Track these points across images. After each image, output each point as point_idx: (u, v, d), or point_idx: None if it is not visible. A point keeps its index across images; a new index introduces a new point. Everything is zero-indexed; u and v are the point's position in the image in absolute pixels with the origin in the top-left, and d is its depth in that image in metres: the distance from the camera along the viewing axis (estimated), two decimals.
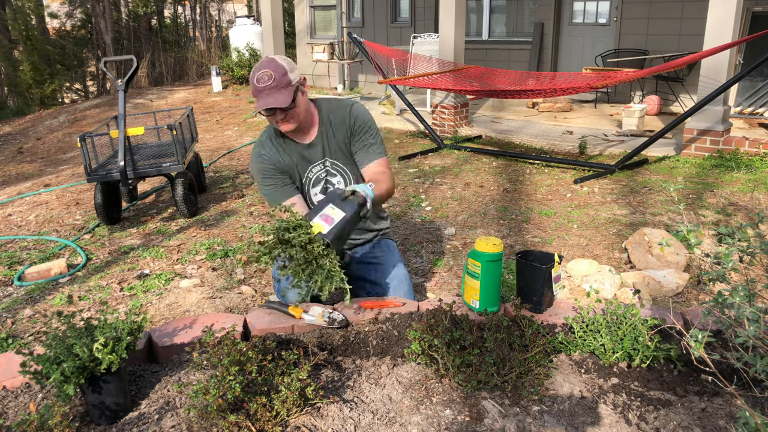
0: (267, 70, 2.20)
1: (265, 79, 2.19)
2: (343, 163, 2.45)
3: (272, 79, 2.19)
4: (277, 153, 2.39)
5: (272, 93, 2.20)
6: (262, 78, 2.19)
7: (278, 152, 2.40)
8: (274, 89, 2.20)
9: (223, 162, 6.26)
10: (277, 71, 2.20)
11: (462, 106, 7.01)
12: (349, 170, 2.47)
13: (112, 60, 4.51)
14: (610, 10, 8.28)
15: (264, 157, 2.39)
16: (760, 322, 1.47)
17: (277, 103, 2.18)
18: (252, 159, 2.43)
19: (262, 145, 2.41)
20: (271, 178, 2.38)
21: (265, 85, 2.19)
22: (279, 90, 2.20)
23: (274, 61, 2.24)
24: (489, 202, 4.51)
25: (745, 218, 3.85)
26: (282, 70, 2.21)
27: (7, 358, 2.01)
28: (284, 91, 2.21)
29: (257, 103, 2.21)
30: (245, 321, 2.20)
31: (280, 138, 2.40)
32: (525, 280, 2.19)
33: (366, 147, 2.40)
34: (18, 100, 14.97)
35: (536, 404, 1.72)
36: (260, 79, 2.20)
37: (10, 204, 5.17)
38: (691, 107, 5.02)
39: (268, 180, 2.39)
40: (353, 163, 2.47)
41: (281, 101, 2.19)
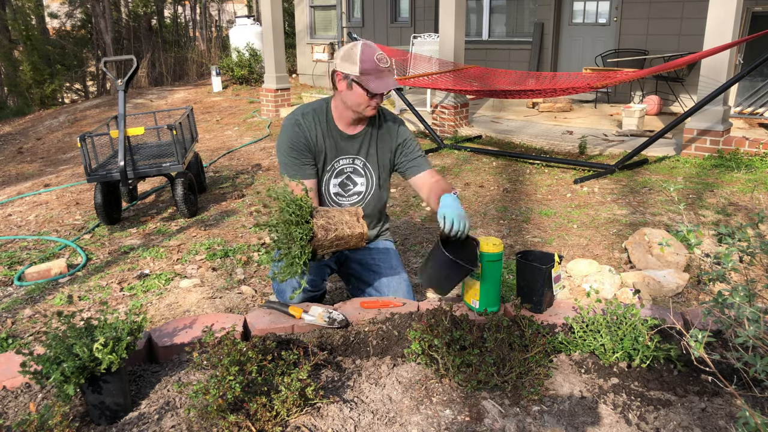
0: (382, 53, 2.22)
1: (386, 61, 2.22)
2: (373, 168, 2.47)
3: (389, 63, 2.24)
4: (315, 128, 2.35)
5: (389, 75, 2.24)
6: (383, 59, 2.22)
7: (316, 128, 2.36)
8: (392, 72, 2.27)
9: (223, 162, 6.26)
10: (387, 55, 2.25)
11: (462, 106, 7.01)
12: (377, 177, 2.48)
13: (112, 60, 4.51)
14: (610, 10, 8.28)
15: (300, 126, 2.33)
16: (760, 322, 1.47)
17: (394, 86, 2.26)
18: (285, 126, 2.36)
19: (303, 115, 2.36)
20: (297, 151, 2.32)
21: (386, 66, 2.22)
22: (392, 73, 2.27)
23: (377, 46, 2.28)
24: (489, 202, 4.51)
25: (745, 218, 3.85)
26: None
27: (7, 358, 2.01)
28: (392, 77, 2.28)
29: (379, 83, 2.21)
30: (245, 321, 2.20)
31: (326, 119, 2.38)
32: (525, 280, 2.19)
33: (416, 159, 2.46)
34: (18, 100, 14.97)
35: (536, 404, 1.72)
36: (382, 60, 2.21)
37: (10, 204, 5.17)
38: (691, 107, 5.02)
39: (293, 152, 2.32)
40: (384, 174, 2.49)
41: (395, 83, 2.27)
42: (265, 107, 8.70)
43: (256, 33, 12.19)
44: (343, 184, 2.46)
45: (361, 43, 2.24)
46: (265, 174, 5.66)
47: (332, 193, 2.47)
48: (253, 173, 5.72)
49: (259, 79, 11.79)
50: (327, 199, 2.49)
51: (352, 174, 2.45)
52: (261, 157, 6.35)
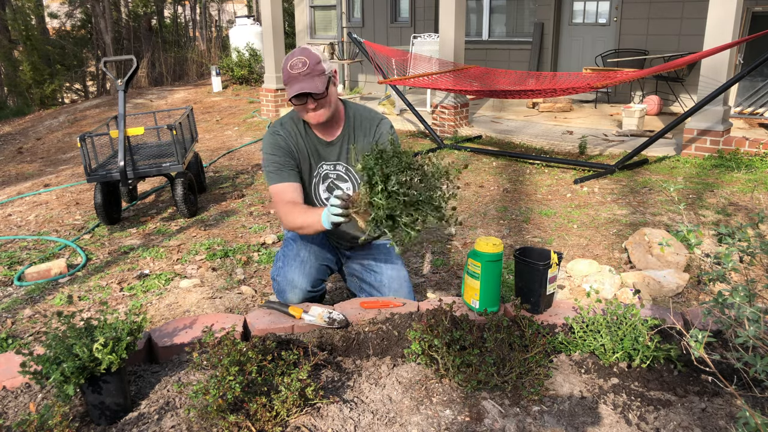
0: (301, 57, 2.17)
1: (299, 66, 2.16)
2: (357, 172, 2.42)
3: (306, 65, 2.16)
4: (294, 136, 2.36)
5: (306, 79, 2.16)
6: (296, 65, 2.17)
7: (296, 136, 2.37)
8: (308, 75, 2.16)
9: (223, 162, 6.26)
10: (311, 58, 2.18)
11: (462, 106, 7.01)
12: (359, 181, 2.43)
13: (112, 60, 4.51)
14: (610, 10, 8.28)
15: (279, 135, 2.35)
16: (760, 322, 1.47)
17: (311, 89, 2.15)
18: (266, 135, 2.39)
19: (281, 125, 2.38)
20: (280, 156, 2.34)
21: (299, 71, 2.16)
22: (312, 77, 2.17)
23: (308, 50, 2.22)
24: (489, 202, 4.51)
25: (745, 218, 3.85)
26: (316, 58, 2.19)
27: (7, 358, 2.01)
28: (317, 79, 2.18)
29: (289, 89, 2.18)
30: (245, 321, 2.20)
31: (302, 125, 2.38)
32: (523, 281, 2.19)
33: None
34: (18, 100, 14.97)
35: (536, 404, 1.72)
36: (294, 66, 2.17)
37: (10, 204, 5.17)
38: (692, 107, 5.02)
39: (275, 157, 2.34)
40: None
41: (315, 87, 2.16)
42: (265, 107, 8.70)
43: (256, 33, 12.19)
44: (329, 189, 2.46)
45: (293, 50, 2.23)
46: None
47: (323, 199, 2.48)
48: (253, 173, 5.72)
49: (259, 79, 11.79)
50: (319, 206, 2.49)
51: (336, 180, 2.45)
52: (261, 157, 6.35)
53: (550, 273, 2.13)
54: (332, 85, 2.26)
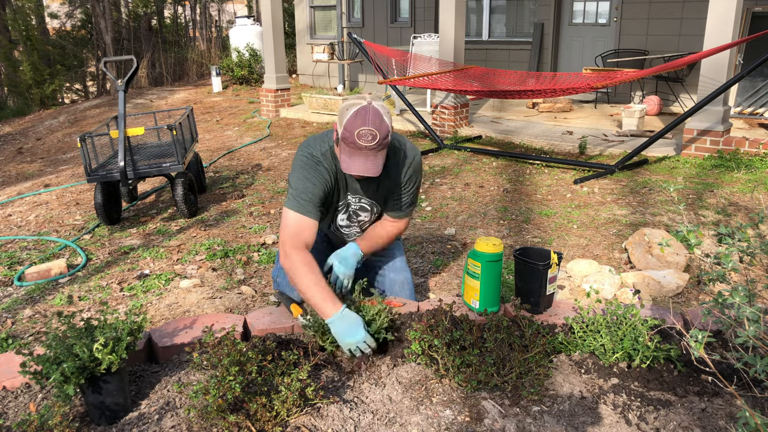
0: (372, 129, 1.93)
1: (369, 139, 1.94)
2: (378, 202, 2.34)
3: (376, 140, 1.95)
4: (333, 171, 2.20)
5: (370, 156, 1.97)
6: (365, 135, 1.93)
7: (335, 171, 2.20)
8: (373, 151, 1.97)
9: (223, 162, 6.26)
10: (381, 130, 1.95)
11: (462, 107, 7.01)
12: (379, 210, 2.38)
13: (112, 60, 4.51)
14: (610, 11, 8.28)
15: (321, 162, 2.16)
16: (760, 323, 1.47)
17: (374, 171, 1.98)
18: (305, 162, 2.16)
19: (323, 156, 2.17)
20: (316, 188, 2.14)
21: (366, 145, 1.95)
22: (376, 154, 1.98)
23: (380, 116, 1.96)
24: (489, 202, 4.51)
25: (745, 218, 3.85)
26: (386, 129, 1.97)
27: (7, 358, 2.01)
28: (380, 155, 2.00)
29: (350, 162, 1.99)
30: (245, 321, 2.20)
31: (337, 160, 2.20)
32: (523, 281, 2.19)
33: (401, 204, 2.31)
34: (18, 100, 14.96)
35: (536, 404, 1.72)
36: (362, 136, 1.93)
37: (10, 204, 5.17)
38: (691, 107, 5.02)
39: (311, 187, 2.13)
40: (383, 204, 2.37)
41: (376, 169, 1.99)
42: (265, 107, 8.70)
43: (256, 33, 12.19)
44: (350, 217, 2.40)
45: (359, 108, 1.97)
46: (265, 174, 5.66)
47: (339, 224, 2.43)
48: (253, 173, 5.72)
49: (259, 79, 11.79)
50: (331, 230, 2.48)
51: (359, 210, 2.37)
52: (261, 157, 6.35)
53: (550, 273, 2.13)
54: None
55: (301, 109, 8.62)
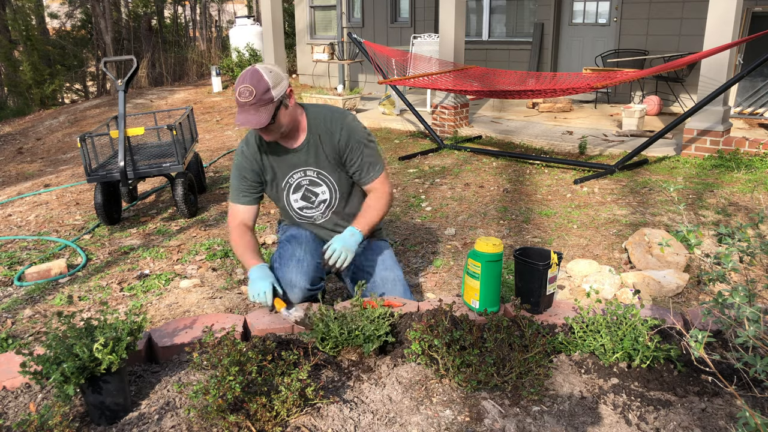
0: (248, 85, 2.14)
1: (246, 95, 2.14)
2: (330, 173, 2.44)
3: (253, 95, 2.14)
4: (258, 152, 2.41)
5: (251, 110, 2.16)
6: (243, 93, 2.15)
7: (260, 152, 2.41)
8: (254, 106, 2.15)
9: (223, 162, 6.26)
10: (259, 86, 2.14)
11: (462, 107, 7.01)
12: (335, 181, 2.46)
13: (112, 60, 4.51)
14: (610, 11, 8.28)
15: (244, 153, 2.43)
16: (760, 323, 1.47)
17: (253, 124, 2.16)
18: (235, 152, 2.49)
19: (246, 142, 2.44)
20: (241, 176, 2.43)
21: (245, 101, 2.15)
22: (258, 108, 2.16)
23: (258, 75, 2.16)
24: (489, 202, 4.51)
25: (745, 218, 3.85)
26: (265, 85, 2.15)
27: (7, 358, 2.01)
28: (263, 110, 2.16)
29: (236, 117, 2.20)
30: (245, 321, 2.20)
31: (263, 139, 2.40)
32: (523, 281, 2.19)
33: (362, 168, 2.42)
34: (18, 100, 14.96)
35: (536, 404, 1.72)
36: (241, 93, 2.15)
37: (10, 204, 5.17)
38: (691, 107, 5.02)
39: (237, 176, 2.44)
40: (343, 174, 2.46)
41: (258, 121, 2.16)
42: None
43: (256, 33, 12.18)
44: (306, 197, 2.48)
45: (243, 72, 2.19)
46: None
47: (296, 208, 2.51)
48: None
49: None
50: (293, 215, 2.55)
51: (309, 186, 2.46)
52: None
53: (550, 273, 2.13)
54: (284, 108, 2.24)
55: None
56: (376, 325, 1.99)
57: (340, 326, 1.98)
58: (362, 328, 1.97)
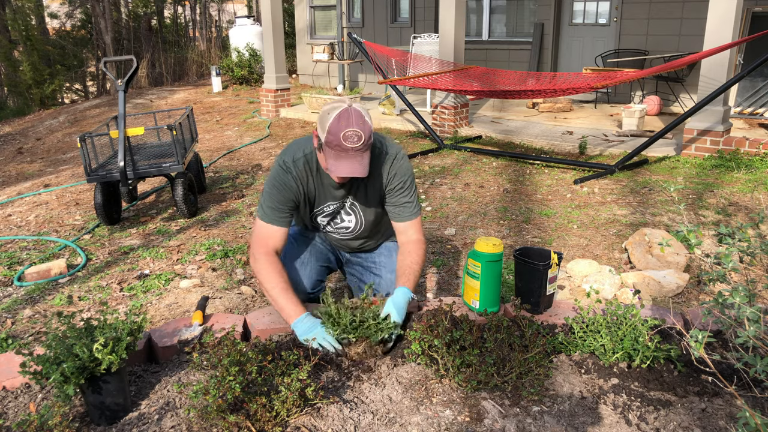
0: (357, 130, 1.95)
1: (355, 140, 1.95)
2: (363, 206, 2.32)
3: (361, 141, 1.96)
4: (305, 177, 2.21)
5: (357, 157, 1.98)
6: (351, 137, 1.94)
7: (306, 178, 2.21)
8: (359, 152, 1.98)
9: (223, 162, 6.26)
10: (365, 131, 1.96)
11: (462, 107, 7.01)
12: (365, 215, 2.34)
13: (112, 60, 4.51)
14: (610, 11, 8.28)
15: (291, 174, 2.19)
16: (760, 323, 1.47)
17: (363, 172, 1.99)
18: (275, 168, 2.21)
19: (294, 162, 2.19)
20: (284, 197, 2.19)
21: (353, 146, 1.95)
22: (362, 154, 1.99)
23: (362, 117, 1.98)
24: (489, 202, 4.51)
25: (745, 218, 3.85)
26: (369, 129, 1.98)
27: (7, 359, 2.01)
28: (365, 155, 2.00)
29: (338, 165, 1.99)
30: (245, 321, 2.20)
31: (315, 165, 2.21)
32: (523, 281, 2.19)
33: (401, 205, 2.26)
34: (18, 100, 14.96)
35: (536, 404, 1.72)
36: (348, 138, 1.94)
37: (10, 204, 5.17)
38: (692, 107, 5.02)
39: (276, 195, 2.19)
40: (376, 210, 2.33)
41: (363, 169, 1.99)
42: (265, 107, 8.71)
43: (256, 33, 12.19)
44: (332, 221, 2.39)
45: (341, 110, 1.97)
46: (266, 174, 5.65)
47: (320, 223, 2.42)
48: (253, 173, 5.72)
49: (259, 80, 11.79)
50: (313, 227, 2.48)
51: (341, 212, 2.36)
52: (261, 158, 6.35)
53: (550, 273, 2.13)
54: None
55: (301, 109, 8.62)
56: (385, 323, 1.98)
57: (352, 314, 1.95)
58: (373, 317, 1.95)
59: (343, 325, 1.95)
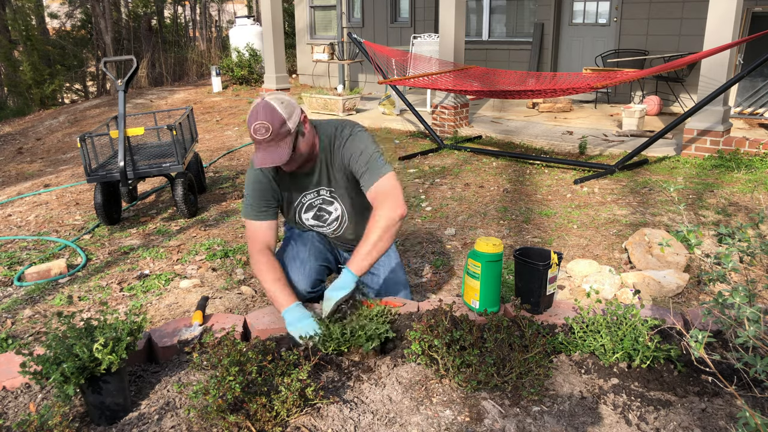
0: (263, 122, 2.02)
1: (262, 132, 2.02)
2: (342, 190, 2.32)
3: (269, 132, 2.02)
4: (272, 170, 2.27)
5: (269, 147, 2.05)
6: (258, 130, 2.03)
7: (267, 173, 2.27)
8: (272, 142, 2.05)
9: (223, 162, 6.26)
10: (274, 122, 2.02)
11: (462, 107, 7.01)
12: (348, 198, 2.34)
13: (112, 60, 4.51)
14: (610, 11, 8.28)
15: (259, 171, 2.27)
16: (760, 323, 1.47)
17: (275, 161, 2.04)
18: (250, 170, 2.30)
19: None
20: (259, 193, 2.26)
21: (262, 138, 2.03)
22: (277, 143, 2.05)
23: (271, 109, 2.04)
24: (489, 202, 4.51)
25: (745, 218, 3.85)
26: (280, 119, 2.03)
27: (7, 359, 2.01)
28: (282, 144, 2.05)
29: (256, 156, 2.08)
30: (245, 321, 2.20)
31: None
32: (523, 281, 2.19)
33: (360, 176, 2.21)
34: (18, 100, 14.96)
35: (536, 404, 1.72)
36: (257, 131, 2.03)
37: (10, 204, 5.17)
38: (692, 107, 5.02)
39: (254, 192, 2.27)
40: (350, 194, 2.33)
41: (279, 157, 2.05)
42: None
43: (256, 33, 12.18)
44: (318, 216, 2.40)
45: (253, 105, 2.07)
46: None
47: (310, 225, 2.44)
48: None
49: (259, 80, 11.79)
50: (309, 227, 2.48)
51: (322, 205, 2.37)
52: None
53: (550, 273, 2.13)
54: (302, 136, 2.11)
55: None
56: (376, 323, 1.99)
57: (342, 328, 1.98)
58: (364, 327, 1.97)
59: (336, 339, 1.96)
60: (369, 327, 1.96)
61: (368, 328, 1.96)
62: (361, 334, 1.95)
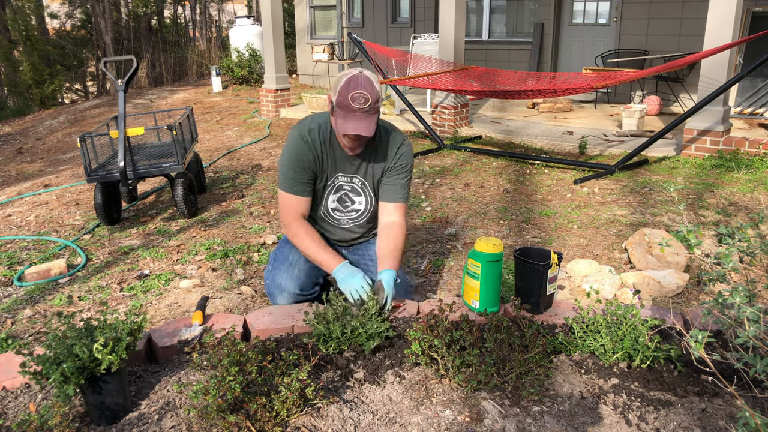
0: (364, 92, 2.07)
1: (362, 101, 2.07)
2: (370, 187, 2.42)
3: (368, 102, 2.08)
4: (320, 144, 2.30)
5: (364, 118, 2.10)
6: (358, 98, 2.07)
7: (322, 144, 2.30)
8: (367, 113, 2.09)
9: (223, 162, 6.26)
10: (373, 94, 2.09)
11: (462, 107, 7.01)
12: (373, 197, 2.44)
13: (112, 60, 4.51)
14: (610, 11, 8.28)
15: (307, 142, 2.27)
16: (760, 323, 1.47)
17: (367, 131, 2.09)
18: (290, 140, 2.30)
19: (309, 131, 2.29)
20: (301, 167, 2.29)
21: (360, 107, 2.07)
22: (370, 116, 2.10)
23: (371, 83, 2.11)
24: (489, 202, 4.51)
25: (745, 218, 3.85)
26: (377, 94, 2.10)
27: (7, 359, 2.01)
28: (372, 118, 2.11)
29: (345, 123, 2.10)
30: (245, 321, 2.20)
31: (329, 135, 2.31)
32: (523, 281, 2.19)
33: (397, 185, 2.37)
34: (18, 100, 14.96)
35: (536, 405, 1.72)
36: (356, 99, 2.07)
37: (10, 204, 5.17)
38: (692, 107, 5.02)
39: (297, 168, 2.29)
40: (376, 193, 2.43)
41: (370, 130, 2.09)
42: (264, 107, 8.70)
43: (256, 33, 12.19)
44: (341, 200, 2.44)
45: (351, 75, 2.11)
46: (265, 174, 5.66)
47: (330, 208, 2.45)
48: (253, 173, 5.72)
49: (259, 80, 11.79)
50: (324, 214, 2.48)
51: (350, 192, 2.41)
52: (261, 158, 6.35)
53: (550, 273, 2.13)
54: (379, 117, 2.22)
55: (301, 109, 8.62)
56: (376, 322, 1.99)
57: (342, 326, 1.98)
58: (364, 325, 1.97)
59: (336, 338, 1.96)
60: (369, 326, 1.97)
61: (369, 326, 1.96)
62: (361, 332, 1.96)
